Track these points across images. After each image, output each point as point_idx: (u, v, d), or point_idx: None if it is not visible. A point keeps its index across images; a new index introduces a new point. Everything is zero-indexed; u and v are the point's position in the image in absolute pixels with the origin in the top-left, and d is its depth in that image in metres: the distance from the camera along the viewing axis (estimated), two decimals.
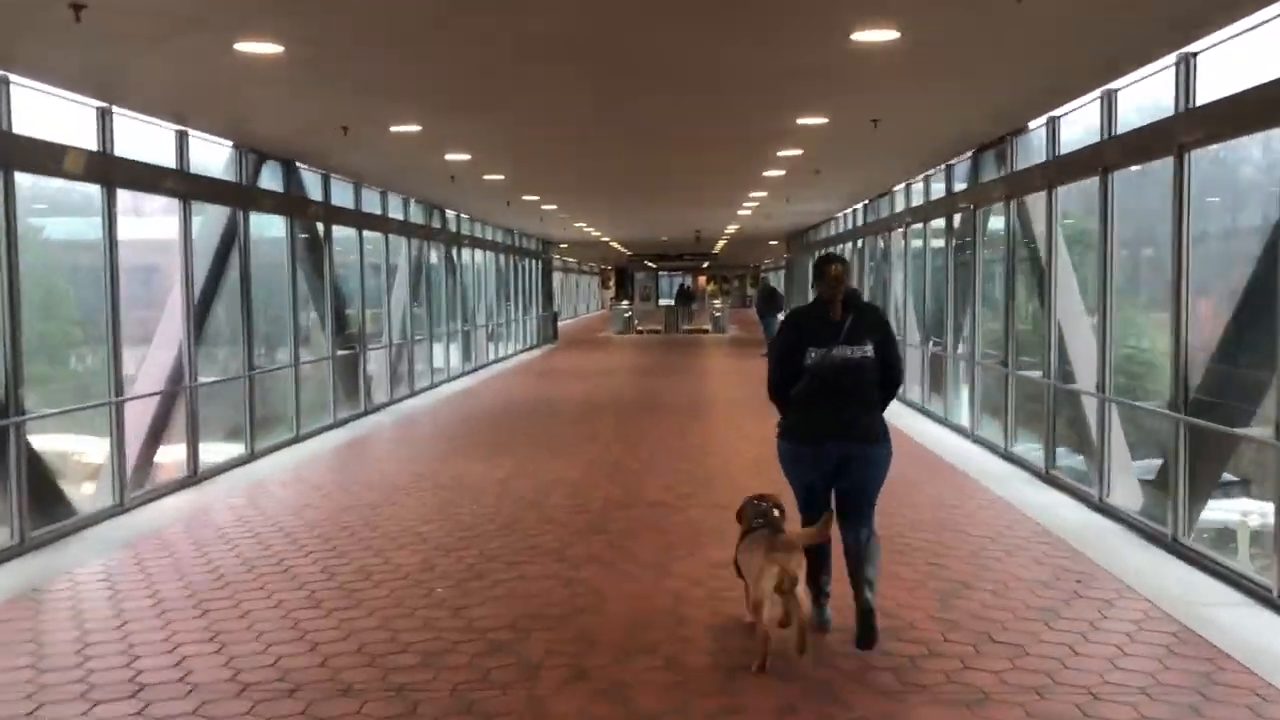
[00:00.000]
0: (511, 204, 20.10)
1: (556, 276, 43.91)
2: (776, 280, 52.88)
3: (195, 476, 10.47)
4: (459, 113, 10.32)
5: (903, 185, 17.31)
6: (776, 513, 5.73)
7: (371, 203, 16.67)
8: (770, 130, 11.47)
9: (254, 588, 6.72)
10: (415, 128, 10.83)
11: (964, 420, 13.38)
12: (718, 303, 48.80)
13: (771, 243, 38.67)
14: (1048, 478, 10.25)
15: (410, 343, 18.72)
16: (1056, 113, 10.23)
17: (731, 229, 31.07)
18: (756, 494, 6.01)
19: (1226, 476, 8.43)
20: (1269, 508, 7.05)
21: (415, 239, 19.11)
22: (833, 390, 5.51)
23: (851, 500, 5.60)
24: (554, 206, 21.83)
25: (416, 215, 19.27)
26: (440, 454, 11.90)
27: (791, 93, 9.48)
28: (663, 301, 55.04)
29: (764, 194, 19.17)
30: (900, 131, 11.30)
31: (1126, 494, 9.03)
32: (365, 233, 16.22)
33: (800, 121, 10.73)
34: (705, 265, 58.55)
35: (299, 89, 9.04)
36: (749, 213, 23.93)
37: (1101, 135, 9.11)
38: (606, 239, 36.47)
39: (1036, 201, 11.56)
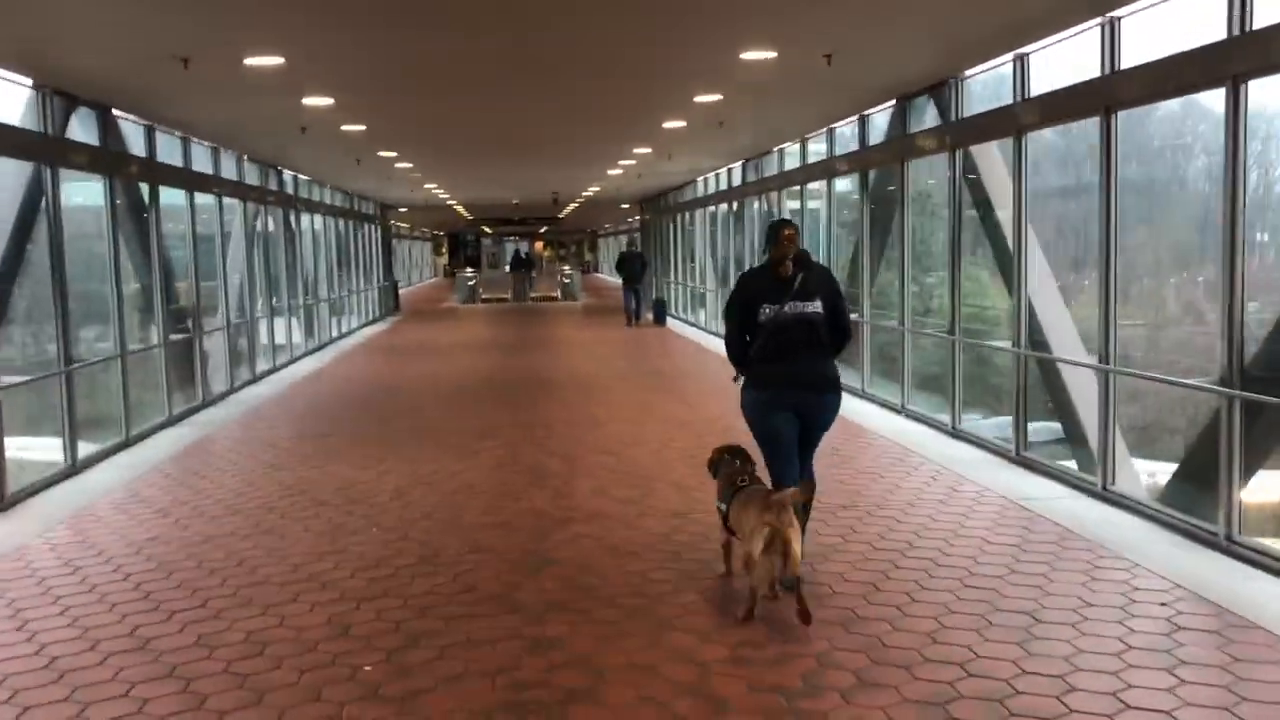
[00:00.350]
0: (363, 162, 17.93)
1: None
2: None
3: (1, 502, 8.30)
4: (332, 39, 8.34)
5: (796, 142, 16.05)
6: (752, 467, 6.02)
7: (202, 160, 14.35)
8: (704, 67, 9.86)
9: (102, 682, 4.83)
10: (276, 60, 8.79)
11: (894, 396, 12.21)
12: (568, 268, 46.65)
13: (624, 206, 36.88)
14: (1020, 459, 9.17)
15: (251, 321, 16.44)
16: (1027, 49, 9.04)
17: (592, 190, 29.16)
18: (726, 445, 6.32)
19: None
20: None
21: (251, 202, 16.77)
22: (788, 343, 5.93)
23: (805, 444, 6.11)
24: (409, 165, 19.68)
25: (251, 175, 16.94)
26: (308, 456, 9.92)
27: (743, 23, 7.96)
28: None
29: (648, 150, 17.56)
30: (851, 70, 9.89)
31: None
32: (197, 196, 13.92)
33: (745, 57, 9.20)
34: (543, 230, 56.73)
35: (125, 6, 6.99)
36: (620, 172, 22.23)
37: (1103, 69, 7.92)
38: (452, 202, 34.16)
39: (986, 152, 10.42)
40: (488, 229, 55.50)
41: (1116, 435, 7.99)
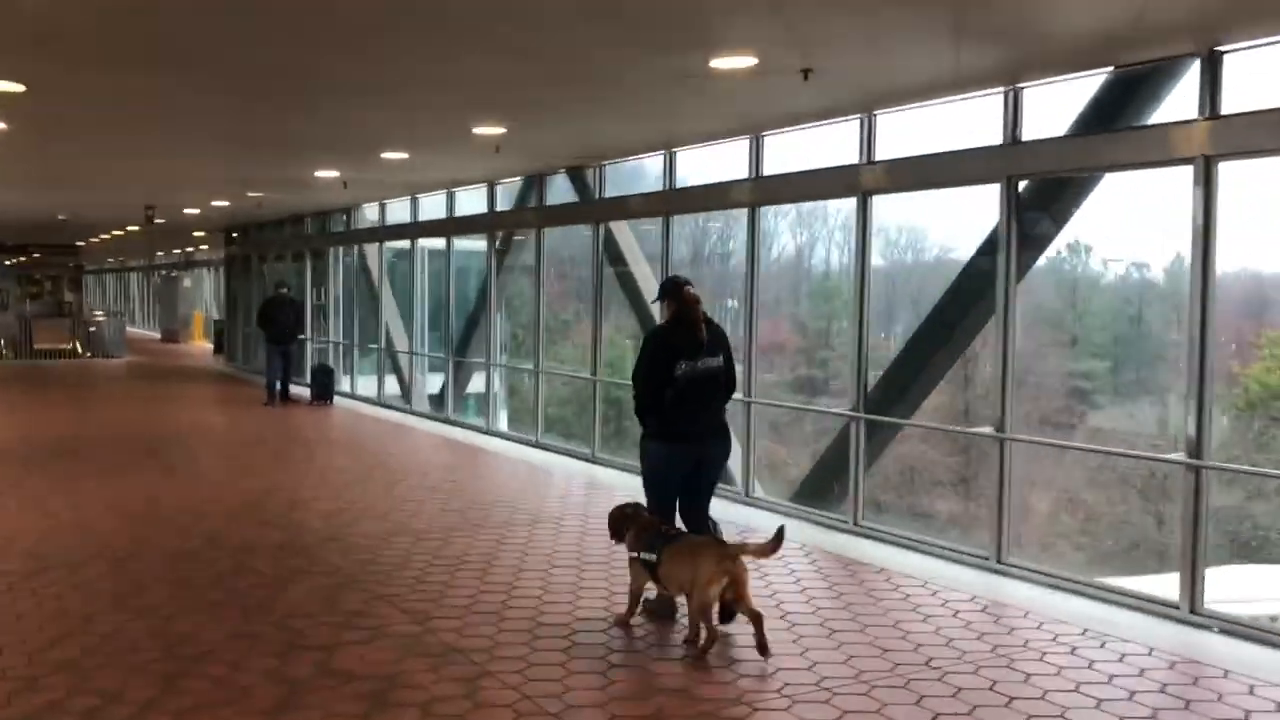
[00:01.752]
0: None
1: None
2: (205, 283, 43.27)
3: None
4: None
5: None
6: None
7: None
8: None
9: None
10: None
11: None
12: (100, 314, 37.61)
13: (197, 233, 30.15)
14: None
15: None
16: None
17: (194, 211, 21.63)
18: (627, 502, 6.54)
19: None
20: None
21: None
22: (697, 396, 6.33)
23: (704, 492, 6.57)
24: None
25: None
26: None
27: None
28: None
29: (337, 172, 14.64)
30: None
31: None
32: None
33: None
34: (27, 259, 34.40)
35: None
36: (272, 194, 18.22)
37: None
38: None
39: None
40: None
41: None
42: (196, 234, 30.79)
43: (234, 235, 28.01)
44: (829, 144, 9.86)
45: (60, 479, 11.06)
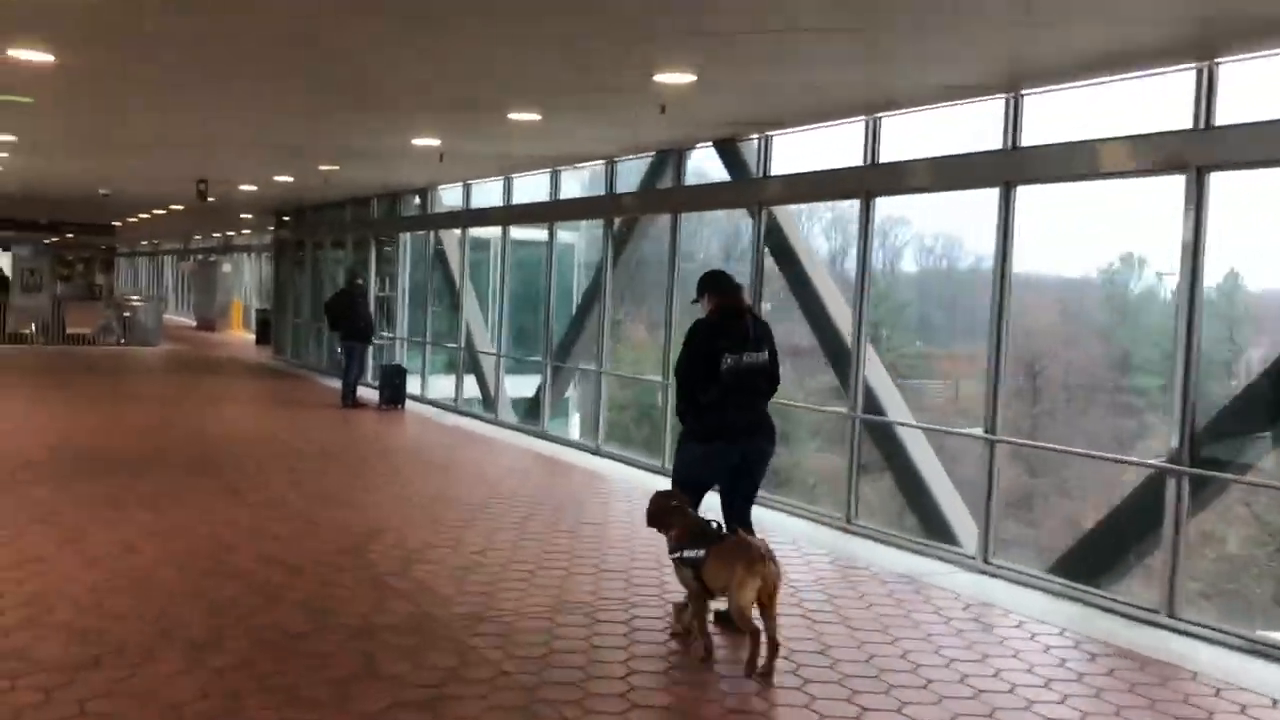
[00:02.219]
0: None
1: None
2: (244, 269, 40.38)
3: None
4: None
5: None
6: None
7: None
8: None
9: None
10: None
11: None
12: (137, 298, 34.01)
13: (244, 215, 28.11)
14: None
15: None
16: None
17: (251, 188, 19.49)
18: (660, 492, 6.06)
19: None
20: None
21: None
22: (742, 392, 6.05)
23: (744, 495, 6.31)
24: None
25: None
26: None
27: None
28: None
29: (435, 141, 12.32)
30: None
31: None
32: None
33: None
34: (60, 239, 31.76)
35: None
36: (335, 168, 15.80)
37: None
38: None
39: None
40: None
41: None
42: (243, 216, 28.77)
43: (284, 219, 25.62)
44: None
45: (101, 505, 8.80)
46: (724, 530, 5.89)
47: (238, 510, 8.84)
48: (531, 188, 15.01)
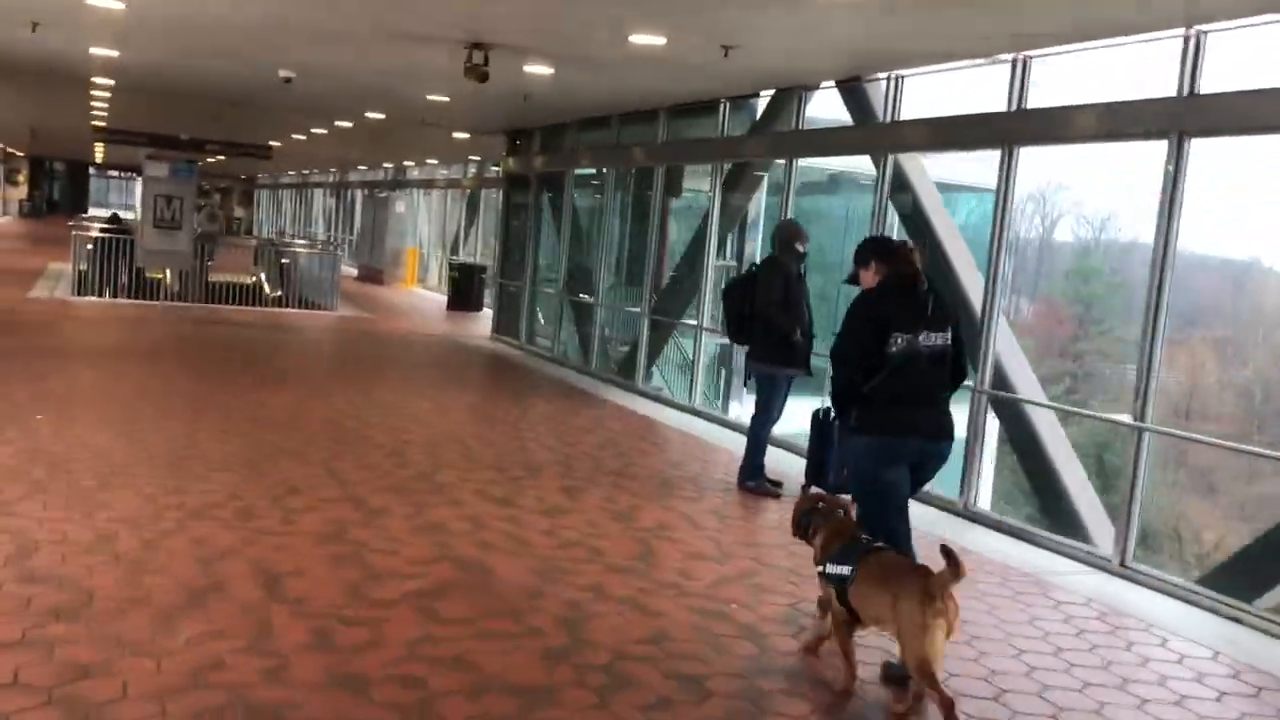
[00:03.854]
0: None
1: None
2: (419, 210, 31.60)
3: None
4: None
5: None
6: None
7: None
8: None
9: None
10: None
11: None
12: (302, 243, 27.37)
13: (459, 136, 19.91)
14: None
15: None
16: None
17: (546, 69, 11.07)
18: (809, 494, 5.41)
19: None
20: None
21: None
22: (918, 380, 4.93)
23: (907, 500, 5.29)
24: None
25: None
26: None
27: None
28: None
29: None
30: None
31: None
32: None
33: None
34: (210, 159, 27.86)
35: None
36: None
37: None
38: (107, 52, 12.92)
39: None
40: (98, 159, 26.43)
41: None
42: (457, 135, 19.96)
43: (517, 141, 17.76)
44: None
45: None
46: (874, 543, 4.68)
47: None
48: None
